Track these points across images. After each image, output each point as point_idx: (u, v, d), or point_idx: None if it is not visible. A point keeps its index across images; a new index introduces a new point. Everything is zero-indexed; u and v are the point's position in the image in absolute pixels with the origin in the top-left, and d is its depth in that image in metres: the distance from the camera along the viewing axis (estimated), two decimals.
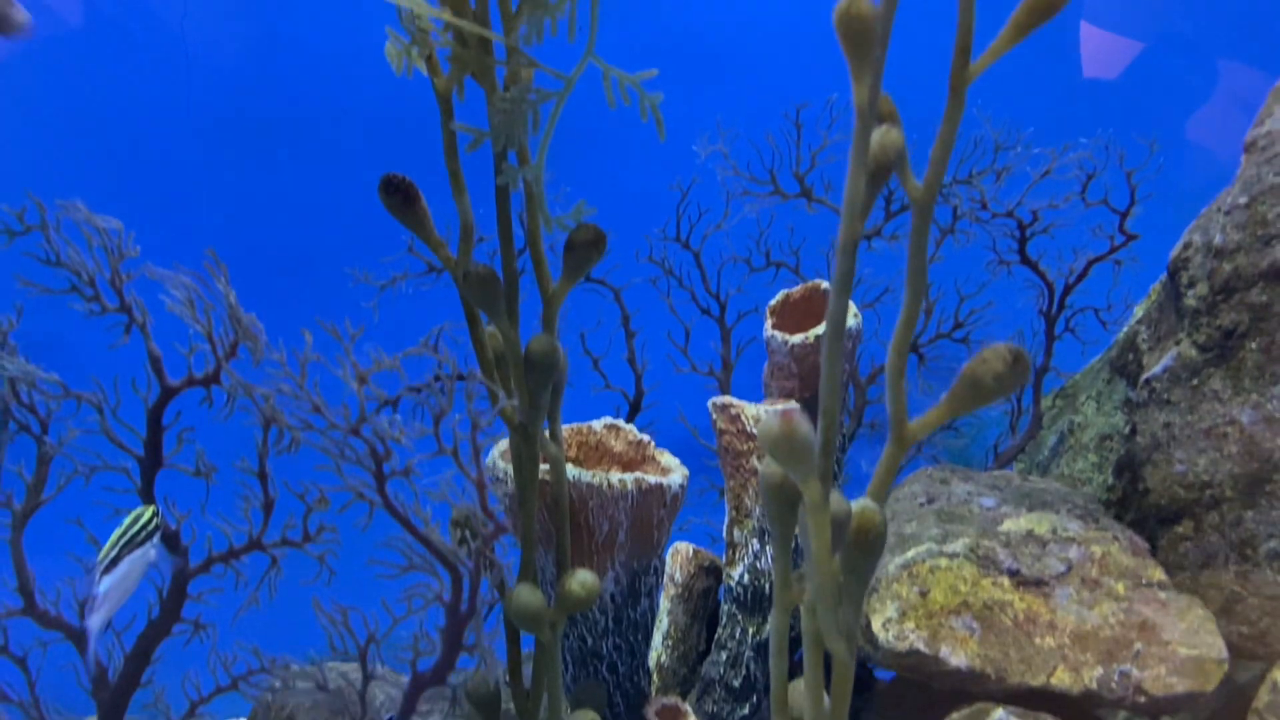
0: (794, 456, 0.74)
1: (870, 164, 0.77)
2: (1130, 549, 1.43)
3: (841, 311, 0.80)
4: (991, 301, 1.93)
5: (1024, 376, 0.82)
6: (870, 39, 0.70)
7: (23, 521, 1.32)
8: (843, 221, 0.78)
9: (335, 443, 1.11)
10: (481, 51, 1.09)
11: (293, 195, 1.95)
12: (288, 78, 1.93)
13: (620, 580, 1.39)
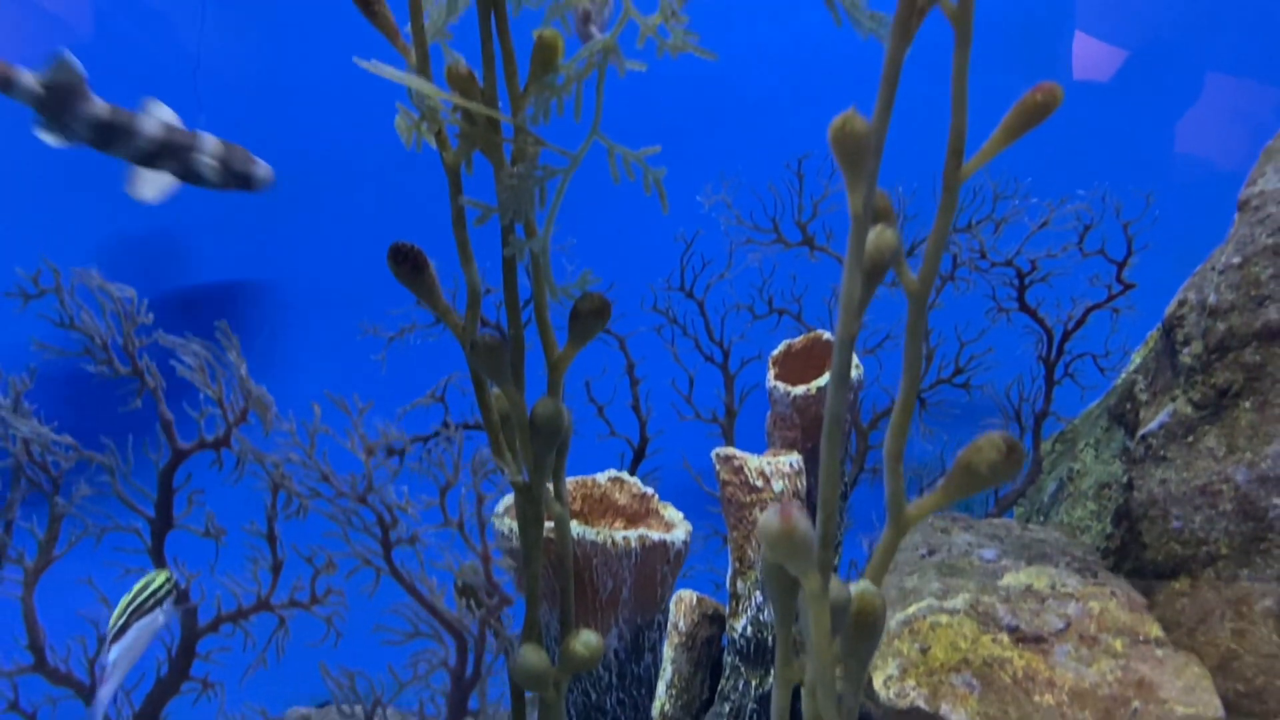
0: (794, 554, 0.75)
1: (866, 263, 0.79)
2: (1128, 605, 1.44)
3: (839, 406, 0.81)
4: (991, 348, 1.95)
5: (1018, 466, 0.84)
6: (865, 153, 0.72)
7: (34, 579, 1.34)
8: (840, 320, 0.80)
9: (343, 510, 1.12)
10: (489, 129, 1.11)
11: (303, 246, 1.97)
12: (299, 131, 1.95)
13: (624, 636, 1.41)
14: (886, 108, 0.72)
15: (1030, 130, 0.81)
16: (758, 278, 1.95)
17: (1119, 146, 2.04)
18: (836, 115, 0.78)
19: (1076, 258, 1.85)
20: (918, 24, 0.73)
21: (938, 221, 0.84)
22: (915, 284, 0.86)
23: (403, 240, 1.19)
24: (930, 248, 0.85)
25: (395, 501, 1.10)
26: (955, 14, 0.78)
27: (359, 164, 1.93)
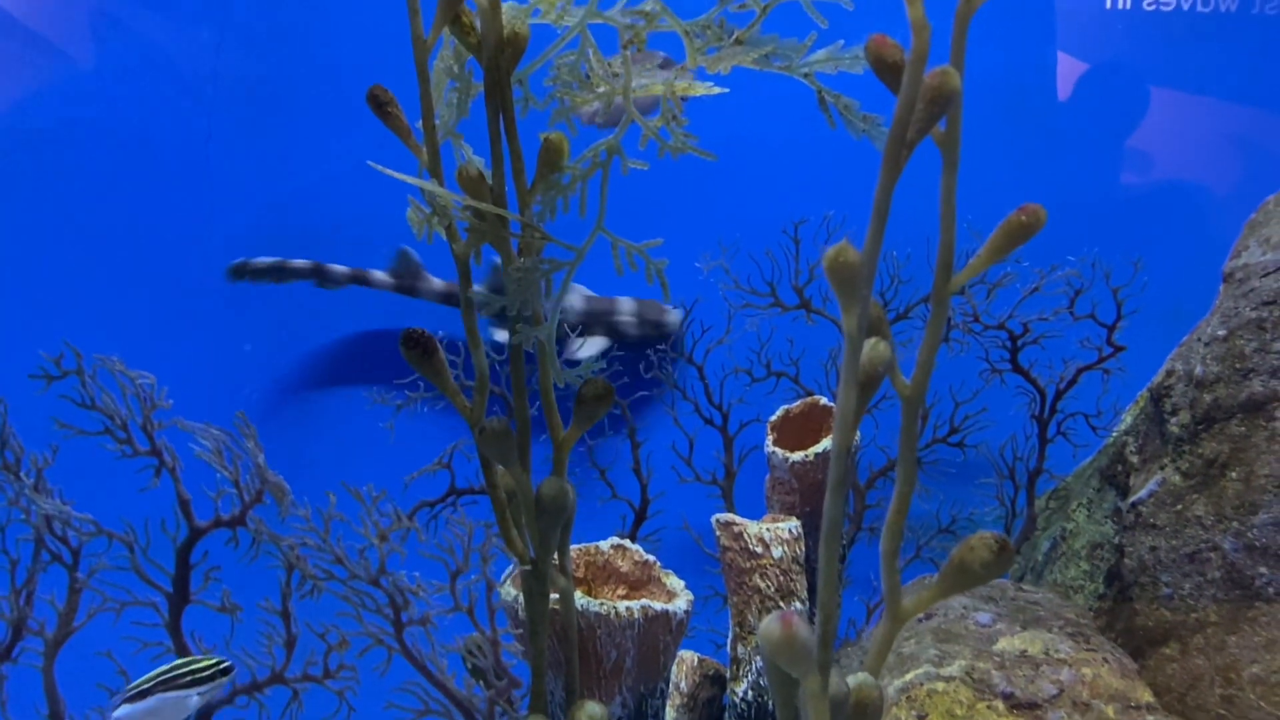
0: (794, 659, 0.78)
1: (861, 376, 0.82)
2: (1119, 671, 1.46)
3: (838, 511, 0.84)
4: (985, 407, 1.98)
5: (1008, 564, 0.87)
6: (857, 280, 0.75)
7: (54, 649, 1.36)
8: (835, 431, 0.83)
9: (356, 592, 1.15)
10: (498, 224, 1.14)
11: (307, 312, 2.01)
12: (305, 199, 2.00)
13: (628, 704, 1.43)
14: (877, 237, 0.76)
15: (1015, 249, 0.84)
16: (756, 342, 1.99)
17: (1109, 213, 2.08)
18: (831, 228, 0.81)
19: (1068, 321, 1.88)
20: (906, 158, 0.77)
21: (929, 333, 0.87)
22: (909, 389, 0.89)
23: (413, 327, 1.23)
24: (922, 356, 0.88)
25: (407, 585, 1.13)
26: (943, 141, 0.81)
27: (367, 237, 1.98)
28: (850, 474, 1.69)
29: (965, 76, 0.79)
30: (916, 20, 0.72)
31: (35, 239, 1.94)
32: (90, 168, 1.94)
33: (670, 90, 1.10)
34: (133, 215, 1.97)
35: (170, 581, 1.31)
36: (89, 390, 1.30)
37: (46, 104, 1.94)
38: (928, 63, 0.76)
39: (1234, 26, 2.07)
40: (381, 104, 1.17)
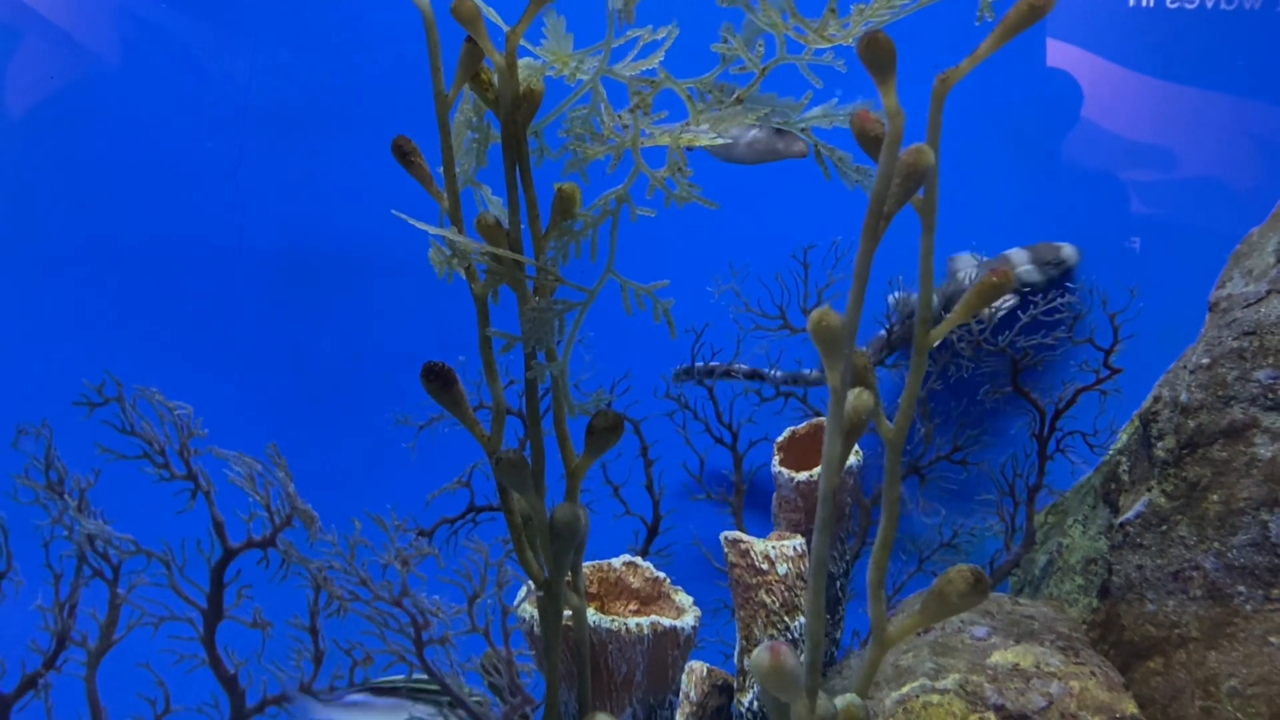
0: (783, 686, 0.85)
1: (845, 424, 0.89)
2: (1106, 684, 1.52)
3: (824, 549, 0.91)
4: (987, 427, 2.04)
5: (984, 594, 0.93)
6: (839, 340, 0.82)
7: (96, 660, 1.44)
8: (823, 475, 0.90)
9: (380, 612, 1.23)
10: (514, 267, 1.21)
11: (337, 330, 2.09)
12: (333, 220, 2.07)
13: (638, 715, 1.50)
14: (858, 301, 0.82)
15: (988, 306, 0.91)
16: (765, 363, 2.06)
17: (1104, 242, 2.14)
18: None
19: (1066, 345, 1.94)
20: (884, 229, 0.83)
21: (910, 380, 0.94)
22: (892, 433, 0.96)
23: (434, 360, 1.30)
24: (903, 403, 0.95)
25: (427, 606, 1.20)
26: (921, 206, 0.88)
27: (394, 261, 2.05)
28: (844, 505, 1.75)
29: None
30: (890, 108, 0.78)
31: (77, 266, 2.02)
32: (127, 193, 2.02)
33: (675, 143, 1.17)
34: (167, 239, 2.05)
35: (205, 598, 1.38)
36: (129, 417, 1.38)
37: (86, 130, 2.02)
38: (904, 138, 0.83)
39: (1259, 23, 2.12)
40: (405, 154, 1.24)
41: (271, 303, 2.05)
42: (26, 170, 2.01)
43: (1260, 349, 1.49)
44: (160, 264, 2.04)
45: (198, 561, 1.38)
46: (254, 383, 2.03)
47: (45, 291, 2.01)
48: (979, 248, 1.97)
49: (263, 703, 1.39)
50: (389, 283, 2.06)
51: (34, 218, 2.02)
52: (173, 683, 1.40)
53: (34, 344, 2.00)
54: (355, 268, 2.05)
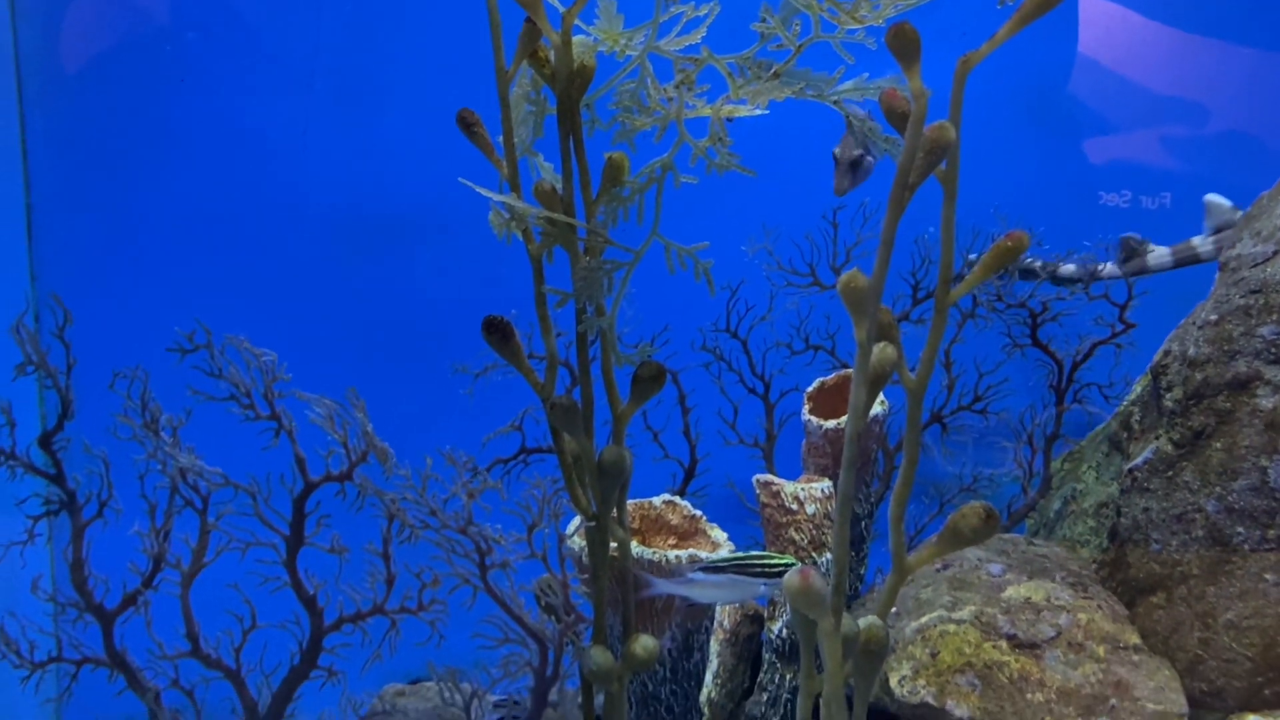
0: (811, 604, 0.93)
1: (870, 375, 0.95)
2: (1111, 616, 1.60)
3: (849, 485, 0.98)
4: (1007, 378, 2.10)
5: (994, 529, 1.00)
6: (865, 300, 0.88)
7: (189, 581, 1.55)
8: (848, 420, 0.97)
9: (447, 539, 1.32)
10: (567, 230, 1.28)
11: (397, 284, 2.17)
12: (395, 182, 2.14)
13: (676, 638, 1.59)
14: (884, 264, 0.89)
15: (1004, 267, 0.97)
16: (796, 318, 2.11)
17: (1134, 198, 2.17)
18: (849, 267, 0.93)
19: (1083, 301, 1.99)
20: (908, 199, 0.89)
21: (931, 336, 1.01)
22: (914, 384, 1.03)
23: (493, 314, 1.38)
24: (925, 356, 1.02)
25: (490, 534, 1.29)
26: (944, 177, 0.94)
27: (448, 221, 2.12)
28: (869, 451, 1.81)
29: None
30: (915, 90, 0.84)
31: (165, 224, 2.11)
32: (206, 156, 2.10)
33: (717, 114, 1.23)
34: (238, 199, 2.13)
35: (287, 526, 1.48)
36: (217, 362, 1.47)
37: (170, 102, 2.10)
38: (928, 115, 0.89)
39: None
40: (469, 124, 1.31)
41: (335, 260, 2.13)
42: (99, 126, 2.08)
43: (1265, 306, 1.53)
44: (233, 222, 2.12)
45: (280, 494, 1.47)
46: (317, 334, 2.12)
47: (132, 248, 2.10)
48: (1002, 206, 2.01)
49: (339, 620, 1.49)
50: (444, 241, 2.13)
51: (117, 177, 2.10)
52: (258, 602, 1.49)
53: (127, 296, 2.10)
54: (413, 227, 2.13)
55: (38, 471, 1.54)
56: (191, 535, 1.55)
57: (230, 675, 1.54)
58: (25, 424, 1.55)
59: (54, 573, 2.08)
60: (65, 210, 2.08)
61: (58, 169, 2.07)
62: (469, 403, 1.81)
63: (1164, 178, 2.21)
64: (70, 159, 2.07)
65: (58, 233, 2.08)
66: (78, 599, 1.53)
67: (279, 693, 1.53)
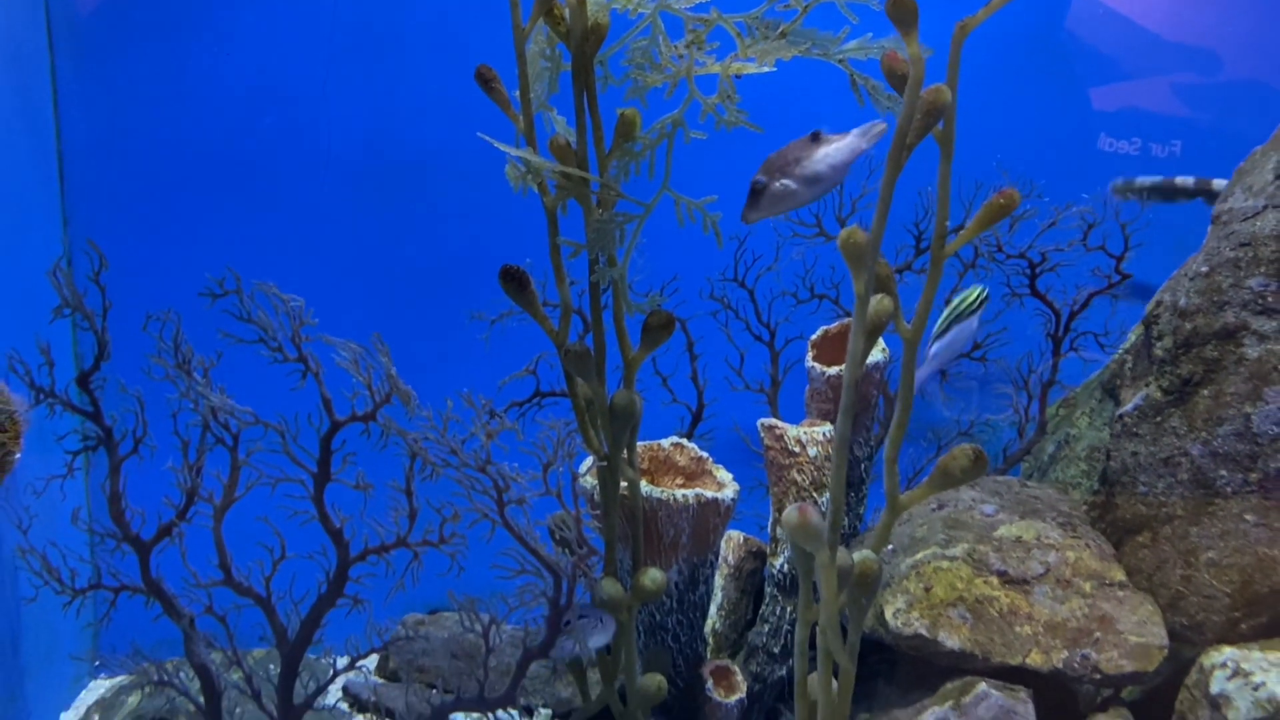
0: (808, 539, 0.98)
1: (868, 325, 1.00)
2: (1098, 554, 1.65)
3: (845, 428, 1.03)
4: (1006, 327, 2.13)
5: (982, 470, 1.05)
6: (864, 254, 0.92)
7: (221, 513, 1.60)
8: (847, 368, 1.01)
9: (467, 477, 1.37)
10: (581, 183, 1.32)
11: (416, 230, 2.20)
12: (411, 131, 2.17)
13: (683, 572, 1.65)
14: (882, 220, 0.93)
15: (996, 223, 1.00)
16: (801, 268, 2.15)
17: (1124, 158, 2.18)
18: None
19: (1081, 252, 2.02)
20: (906, 158, 0.93)
21: (926, 289, 1.05)
22: (909, 332, 1.07)
23: (510, 264, 1.42)
24: (920, 308, 1.06)
25: (508, 473, 1.34)
26: (941, 136, 0.97)
27: (465, 171, 2.15)
28: (870, 397, 1.84)
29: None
30: (913, 55, 0.87)
31: (191, 170, 2.14)
32: (231, 104, 2.13)
33: (726, 71, 1.26)
34: (266, 148, 2.16)
35: (315, 463, 1.53)
36: (247, 307, 1.51)
37: (196, 50, 2.12)
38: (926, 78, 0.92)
39: None
40: (487, 80, 1.35)
41: (356, 206, 2.16)
42: (128, 75, 2.10)
43: (1254, 259, 1.56)
44: (257, 169, 2.15)
45: (308, 433, 1.52)
46: (338, 279, 2.15)
47: (160, 194, 2.14)
48: (1004, 158, 2.03)
49: (364, 552, 1.54)
50: (461, 190, 2.16)
51: (145, 125, 2.13)
52: (288, 534, 1.55)
53: (155, 241, 2.13)
54: (432, 175, 2.15)
55: (76, 409, 1.58)
56: (223, 471, 1.60)
57: (261, 602, 1.59)
58: (60, 365, 1.59)
59: (90, 505, 2.15)
60: (95, 157, 2.11)
61: (87, 117, 2.09)
62: (486, 347, 1.85)
63: (1174, 125, 2.22)
64: (99, 107, 2.09)
65: (88, 179, 2.12)
66: (115, 530, 1.58)
67: (307, 619, 1.58)
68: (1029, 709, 1.48)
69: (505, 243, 2.05)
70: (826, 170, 1.28)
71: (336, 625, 1.60)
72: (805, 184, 1.27)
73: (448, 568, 1.49)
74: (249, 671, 1.58)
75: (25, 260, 1.95)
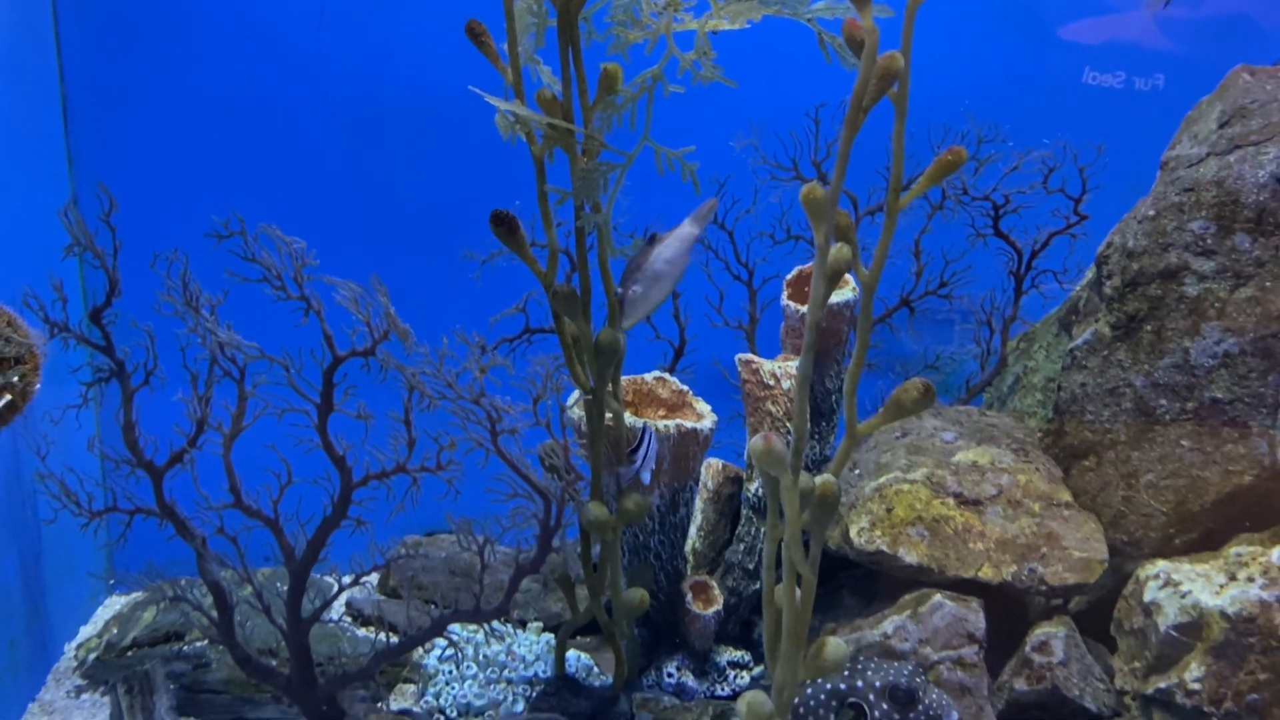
0: (773, 464, 1.07)
1: (828, 271, 1.08)
2: (1047, 478, 1.76)
3: (807, 366, 1.12)
4: (971, 265, 2.21)
5: (930, 401, 1.15)
6: (824, 209, 1.00)
7: (230, 441, 1.67)
8: (810, 309, 1.10)
9: (463, 409, 1.46)
10: (566, 134, 1.39)
11: (408, 175, 2.25)
12: (403, 78, 2.20)
13: (664, 496, 1.75)
14: (840, 177, 1.01)
15: (945, 179, 1.08)
16: (778, 210, 2.21)
17: (1079, 102, 2.24)
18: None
19: (1042, 195, 2.10)
20: (862, 120, 1.00)
21: (882, 238, 1.13)
22: (867, 277, 1.16)
23: (500, 208, 1.49)
24: (877, 254, 1.14)
25: (500, 405, 1.43)
26: (896, 98, 1.05)
27: (453, 115, 2.19)
28: (841, 333, 1.91)
29: None
30: (868, 26, 0.95)
31: (191, 113, 2.17)
32: (229, 49, 2.16)
33: (702, 29, 1.33)
34: (262, 92, 2.19)
35: (318, 395, 1.60)
36: (250, 248, 1.58)
37: None
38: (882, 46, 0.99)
39: None
40: (477, 34, 1.41)
41: (349, 150, 2.20)
42: (129, 19, 2.12)
43: (1196, 203, 1.65)
44: (254, 114, 2.19)
45: (311, 367, 1.59)
46: (332, 219, 2.20)
47: (161, 135, 2.18)
48: (976, 109, 2.09)
49: (366, 477, 1.63)
50: (451, 133, 2.20)
51: (146, 69, 2.16)
52: (294, 460, 1.63)
53: (158, 182, 2.18)
54: (421, 121, 2.20)
55: (90, 343, 1.65)
56: (231, 403, 1.67)
57: (269, 524, 1.67)
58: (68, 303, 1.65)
59: (99, 434, 2.22)
60: (98, 100, 2.15)
61: (90, 60, 2.13)
62: (478, 286, 1.91)
63: (1158, 59, 2.25)
64: (101, 51, 2.12)
65: (91, 121, 2.16)
66: (130, 457, 1.65)
67: (313, 539, 1.67)
68: (979, 617, 1.60)
69: (495, 185, 2.08)
70: (664, 267, 1.49)
71: (340, 546, 1.69)
72: (652, 283, 1.48)
73: (444, 492, 1.58)
74: (259, 588, 1.67)
75: (34, 201, 2.00)
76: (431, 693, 1.89)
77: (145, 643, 1.99)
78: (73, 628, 2.17)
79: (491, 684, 1.89)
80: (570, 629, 1.81)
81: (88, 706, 1.92)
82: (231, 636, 1.69)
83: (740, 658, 1.92)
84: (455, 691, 1.87)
